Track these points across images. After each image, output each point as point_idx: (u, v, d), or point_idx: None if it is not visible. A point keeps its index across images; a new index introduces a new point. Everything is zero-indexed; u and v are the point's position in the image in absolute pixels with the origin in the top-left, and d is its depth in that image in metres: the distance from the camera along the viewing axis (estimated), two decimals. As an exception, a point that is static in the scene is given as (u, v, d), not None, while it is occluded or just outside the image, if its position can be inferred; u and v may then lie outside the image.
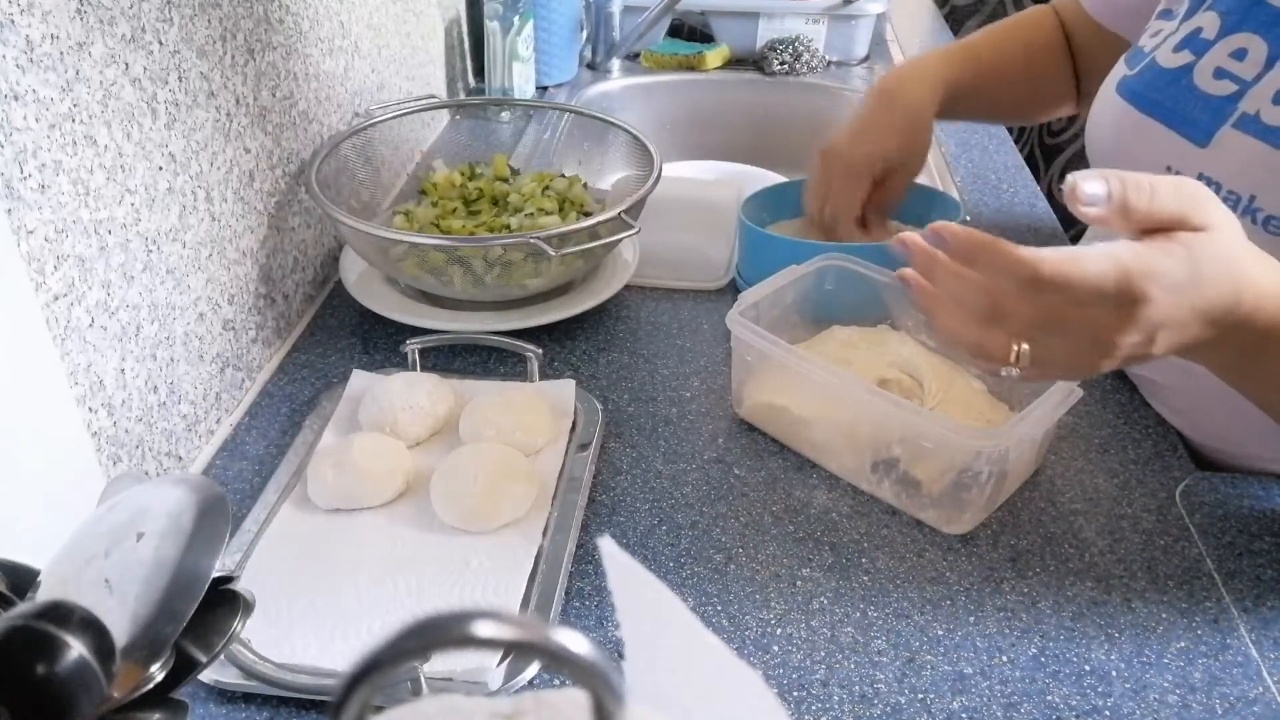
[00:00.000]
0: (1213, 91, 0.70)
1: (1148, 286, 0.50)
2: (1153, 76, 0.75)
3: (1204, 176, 0.69)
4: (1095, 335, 0.52)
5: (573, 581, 0.64)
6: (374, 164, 1.03)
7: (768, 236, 0.92)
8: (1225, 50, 0.70)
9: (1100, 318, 0.52)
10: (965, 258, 0.54)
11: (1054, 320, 0.52)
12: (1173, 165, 0.72)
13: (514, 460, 0.69)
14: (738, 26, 1.55)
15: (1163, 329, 0.52)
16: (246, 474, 0.74)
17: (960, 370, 0.77)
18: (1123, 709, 0.57)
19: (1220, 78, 0.70)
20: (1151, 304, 0.51)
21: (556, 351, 0.87)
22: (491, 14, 1.31)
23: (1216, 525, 0.70)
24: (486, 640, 0.20)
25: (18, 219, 0.54)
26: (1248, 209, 0.66)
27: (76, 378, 0.60)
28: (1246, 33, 0.69)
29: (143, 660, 0.35)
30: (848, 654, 0.60)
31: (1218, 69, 0.70)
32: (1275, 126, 0.65)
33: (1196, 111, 0.70)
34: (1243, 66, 0.68)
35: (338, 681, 0.20)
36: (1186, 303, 0.52)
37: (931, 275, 0.55)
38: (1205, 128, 0.70)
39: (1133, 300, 0.50)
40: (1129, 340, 0.52)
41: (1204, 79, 0.71)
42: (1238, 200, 0.67)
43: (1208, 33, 0.72)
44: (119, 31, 0.62)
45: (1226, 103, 0.69)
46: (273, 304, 0.86)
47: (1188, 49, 0.73)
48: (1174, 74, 0.73)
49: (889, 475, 0.70)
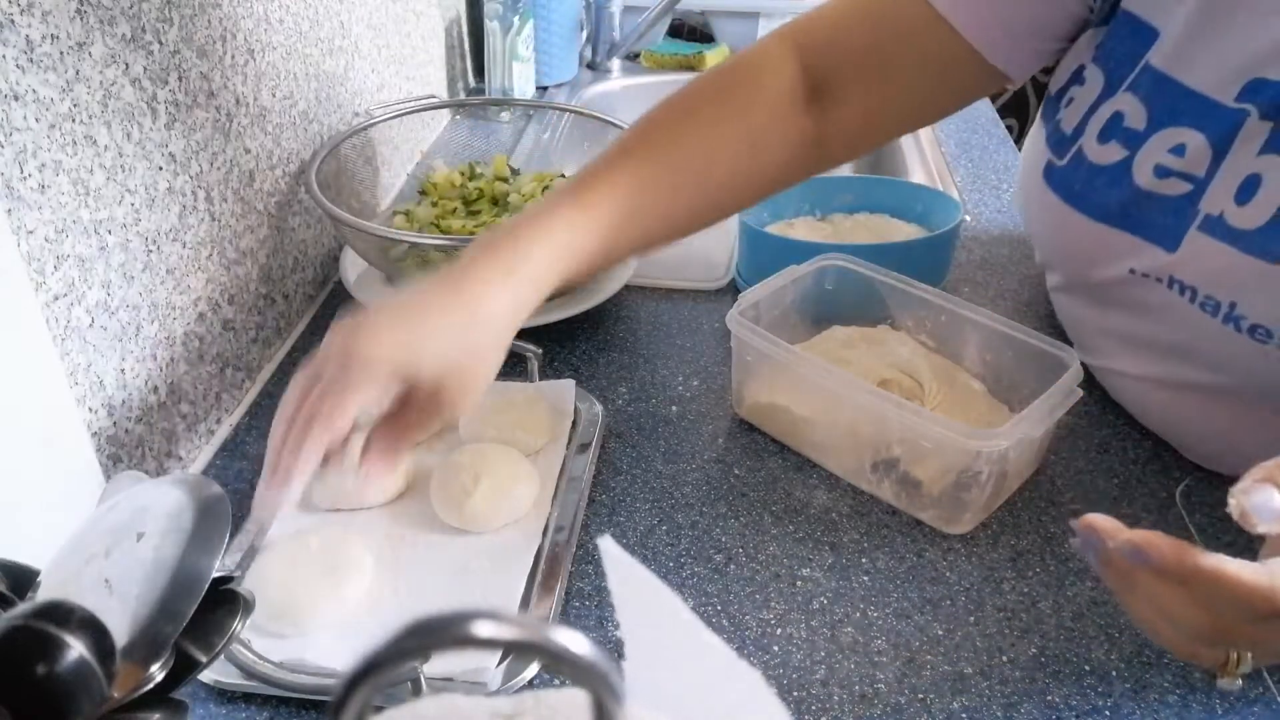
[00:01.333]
0: (1163, 191, 0.65)
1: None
2: (1089, 174, 0.69)
3: (1176, 280, 0.65)
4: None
5: (573, 581, 0.64)
6: (374, 164, 1.03)
7: (768, 236, 0.92)
8: (1161, 146, 0.64)
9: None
10: (1177, 580, 0.45)
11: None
12: (1137, 268, 0.67)
13: (514, 460, 0.69)
14: (738, 26, 1.55)
15: None
16: (246, 474, 0.74)
17: (960, 370, 0.77)
18: (1123, 709, 0.57)
19: (1164, 176, 0.64)
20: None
21: (556, 351, 0.87)
22: (491, 14, 1.31)
23: (1216, 525, 0.70)
24: (486, 640, 0.20)
25: (18, 219, 0.54)
26: (1229, 316, 0.62)
27: (76, 378, 0.60)
28: (1180, 127, 0.63)
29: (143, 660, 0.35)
30: (848, 654, 0.60)
31: (1158, 167, 0.64)
32: (1244, 230, 0.61)
33: (1154, 214, 0.65)
34: (1186, 162, 0.63)
35: (338, 681, 0.20)
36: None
37: (1130, 582, 0.47)
38: (1171, 232, 0.64)
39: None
40: None
41: (1145, 177, 0.65)
42: (1217, 307, 0.63)
43: (1133, 121, 0.66)
44: (119, 31, 0.62)
45: (1184, 203, 0.64)
46: (273, 304, 0.86)
47: (1116, 140, 0.67)
48: (1112, 172, 0.67)
49: (889, 475, 0.70)
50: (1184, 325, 0.66)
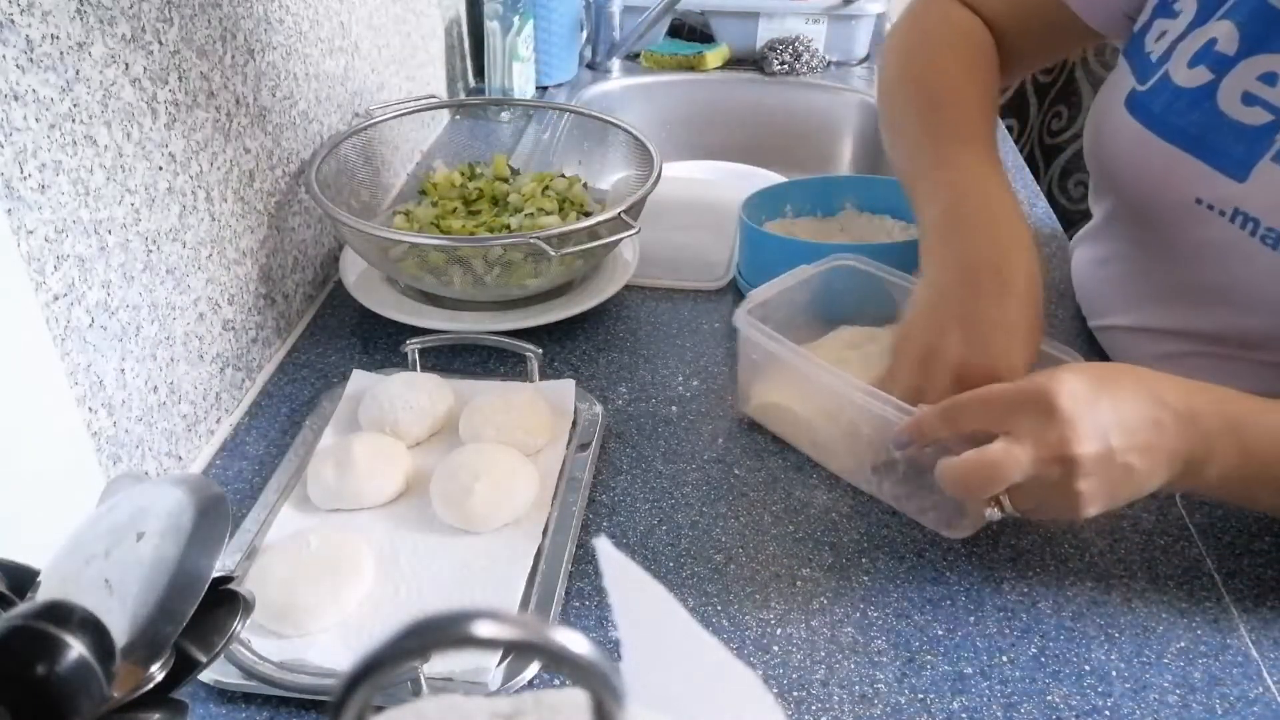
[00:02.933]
0: (1245, 120, 0.65)
1: (1051, 384, 0.55)
2: (1171, 97, 0.70)
3: (1240, 212, 0.66)
4: (1050, 454, 0.55)
5: (573, 581, 0.64)
6: (374, 164, 1.03)
7: (768, 236, 0.92)
8: (1251, 72, 0.65)
9: (1034, 431, 0.55)
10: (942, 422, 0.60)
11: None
12: (1203, 198, 0.68)
13: (514, 460, 0.69)
14: (738, 26, 1.55)
15: (1112, 430, 0.55)
16: (246, 474, 0.74)
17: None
18: (1123, 709, 0.57)
19: (1250, 104, 0.65)
20: (1062, 396, 0.54)
21: (556, 351, 0.87)
22: (491, 14, 1.31)
23: (1216, 525, 0.70)
24: (486, 640, 0.20)
25: (18, 219, 0.54)
26: None
27: (76, 378, 0.60)
28: (1274, 54, 0.64)
29: (143, 660, 0.35)
30: (848, 654, 0.60)
31: (1246, 94, 0.65)
32: None
33: (1229, 142, 0.66)
34: (1275, 93, 0.64)
35: (338, 681, 0.20)
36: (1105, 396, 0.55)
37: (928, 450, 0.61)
38: (1241, 160, 0.65)
39: (1047, 401, 0.55)
40: (1083, 451, 0.54)
41: (1230, 103, 0.66)
42: (1278, 239, 0.64)
43: (1224, 46, 0.67)
44: (119, 31, 0.62)
45: (1263, 133, 0.64)
46: (273, 304, 0.86)
47: (1204, 64, 0.68)
48: (1195, 95, 0.68)
49: (889, 477, 0.70)
50: (1234, 262, 0.67)
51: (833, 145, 1.52)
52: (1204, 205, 0.68)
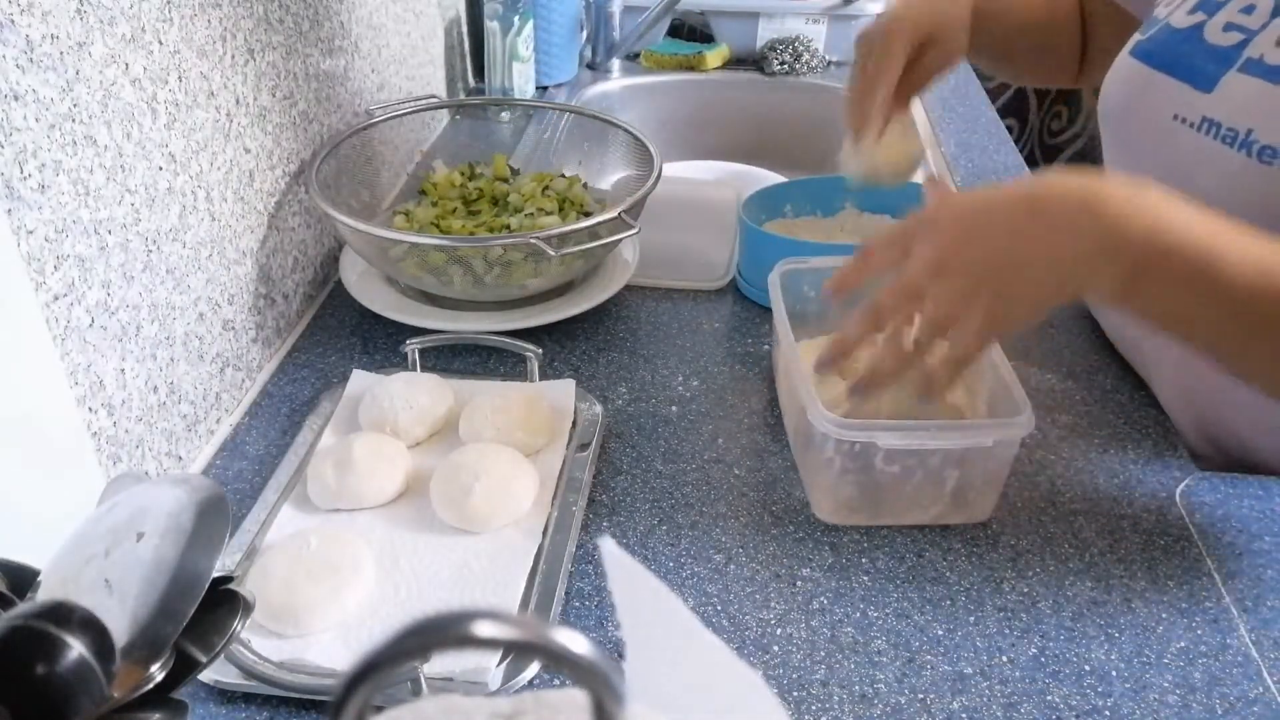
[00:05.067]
0: (1220, 43, 0.71)
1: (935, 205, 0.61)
2: (1165, 36, 0.77)
3: (1206, 119, 0.71)
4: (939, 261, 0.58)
5: (573, 581, 0.64)
6: (374, 164, 1.03)
7: (768, 236, 0.92)
8: (1236, 6, 0.72)
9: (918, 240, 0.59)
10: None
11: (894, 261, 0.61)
12: (1178, 113, 0.73)
13: (514, 460, 0.69)
14: (738, 26, 1.55)
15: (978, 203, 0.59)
16: (246, 474, 0.74)
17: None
18: (1123, 709, 0.57)
19: (1228, 30, 0.71)
20: (946, 205, 0.60)
21: (556, 351, 0.87)
22: (491, 14, 1.31)
23: (1216, 525, 0.70)
24: (486, 640, 0.20)
25: (18, 219, 0.54)
26: (1244, 142, 0.67)
27: (76, 378, 0.60)
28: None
29: (143, 660, 0.35)
30: (848, 654, 0.60)
31: (1228, 24, 0.72)
32: (1277, 65, 0.66)
33: (1203, 62, 0.72)
34: (1250, 19, 0.70)
35: (338, 681, 0.20)
36: (981, 198, 0.59)
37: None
38: (1210, 75, 0.71)
39: (931, 219, 0.60)
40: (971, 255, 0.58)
41: (1214, 33, 0.72)
42: (1235, 136, 0.68)
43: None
44: (119, 31, 0.62)
45: (1232, 51, 0.70)
46: (273, 304, 0.86)
47: (1201, 10, 0.75)
48: (1185, 33, 0.75)
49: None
50: (1201, 173, 0.70)
51: (833, 145, 1.50)
52: (1178, 120, 0.73)
